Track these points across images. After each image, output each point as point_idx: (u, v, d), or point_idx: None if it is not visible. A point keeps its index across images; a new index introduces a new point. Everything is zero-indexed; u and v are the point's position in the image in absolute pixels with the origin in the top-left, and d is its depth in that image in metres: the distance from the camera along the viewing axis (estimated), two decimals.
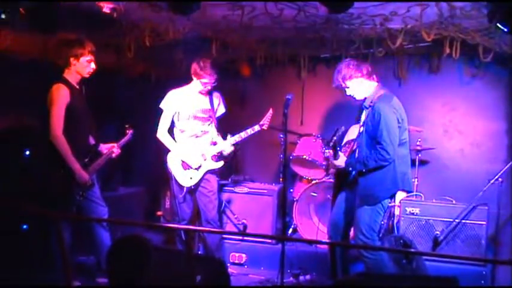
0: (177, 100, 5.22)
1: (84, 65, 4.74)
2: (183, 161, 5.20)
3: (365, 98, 4.54)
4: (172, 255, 4.53)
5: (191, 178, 5.18)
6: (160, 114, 5.25)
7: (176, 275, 4.02)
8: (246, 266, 5.72)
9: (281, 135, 5.31)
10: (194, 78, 5.11)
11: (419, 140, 5.82)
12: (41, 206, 4.69)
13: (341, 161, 4.59)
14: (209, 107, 5.26)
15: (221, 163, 5.28)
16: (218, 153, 5.23)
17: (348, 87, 4.52)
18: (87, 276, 5.03)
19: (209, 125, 5.28)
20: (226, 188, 6.01)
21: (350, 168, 4.57)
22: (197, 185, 5.21)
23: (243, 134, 5.24)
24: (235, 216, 5.90)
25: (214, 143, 5.27)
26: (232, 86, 5.55)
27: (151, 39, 5.28)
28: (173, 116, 5.24)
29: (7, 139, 5.03)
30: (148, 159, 6.60)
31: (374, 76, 4.54)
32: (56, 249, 4.59)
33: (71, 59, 4.70)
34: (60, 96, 4.66)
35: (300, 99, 6.44)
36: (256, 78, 6.68)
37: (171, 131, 5.27)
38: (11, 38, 4.47)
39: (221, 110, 5.36)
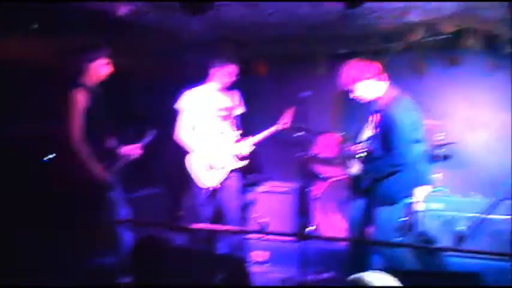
0: (194, 99, 5.19)
1: (100, 69, 4.78)
2: (205, 162, 5.16)
3: (375, 100, 4.41)
4: (193, 255, 4.55)
5: (214, 179, 5.15)
6: (177, 115, 5.24)
7: (196, 274, 4.04)
8: (267, 265, 5.71)
9: (299, 134, 5.27)
10: (215, 73, 5.08)
11: (441, 134, 5.72)
12: (64, 210, 4.74)
13: (354, 169, 4.51)
14: (228, 105, 5.22)
15: (243, 162, 5.25)
16: (239, 152, 5.21)
17: (357, 89, 4.40)
18: (110, 277, 5.06)
19: (228, 123, 5.24)
20: (246, 187, 6.00)
21: (364, 176, 4.50)
22: (220, 185, 5.19)
23: (264, 134, 5.21)
24: (256, 215, 5.89)
25: (235, 142, 5.23)
26: (248, 85, 5.53)
27: (166, 41, 5.30)
28: (191, 115, 5.20)
29: (30, 145, 5.10)
30: (168, 159, 6.62)
31: (384, 75, 4.39)
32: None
33: (88, 63, 4.75)
34: (78, 101, 4.70)
35: (317, 97, 6.38)
36: (273, 76, 6.65)
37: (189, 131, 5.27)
38: (28, 44, 4.53)
39: (240, 109, 5.34)
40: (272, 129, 5.21)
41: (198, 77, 5.28)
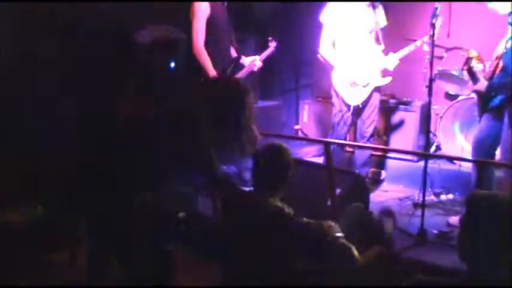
0: (338, 12, 4.84)
1: None
2: (349, 78, 4.90)
3: (510, 12, 4.07)
4: (314, 168, 4.58)
5: (358, 96, 4.91)
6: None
7: (317, 186, 4.08)
8: (385, 183, 5.62)
9: (427, 49, 4.98)
10: None
11: None
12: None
13: (481, 85, 4.25)
14: (373, 19, 4.89)
15: (389, 79, 4.98)
16: (385, 68, 4.95)
17: (490, 1, 4.11)
18: (229, 185, 5.18)
19: (373, 38, 4.93)
20: None
21: (492, 94, 4.24)
22: (364, 102, 4.98)
23: (412, 47, 4.90)
24: (378, 132, 5.77)
25: (382, 57, 4.92)
26: None
27: None
28: (334, 30, 4.87)
29: (155, 51, 5.23)
30: (286, 72, 6.60)
31: None
32: None
33: None
34: (201, 9, 4.79)
35: (448, 10, 5.97)
36: None
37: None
38: None
39: (383, 23, 5.00)
40: (418, 43, 4.89)
41: None
